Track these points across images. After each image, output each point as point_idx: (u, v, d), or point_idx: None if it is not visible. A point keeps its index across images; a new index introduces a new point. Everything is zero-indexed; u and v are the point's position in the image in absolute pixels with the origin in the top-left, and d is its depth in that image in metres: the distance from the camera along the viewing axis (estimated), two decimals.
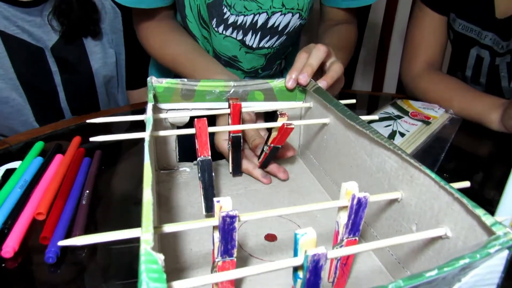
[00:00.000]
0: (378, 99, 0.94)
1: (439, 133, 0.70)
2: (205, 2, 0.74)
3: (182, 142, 0.56)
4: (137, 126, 0.38)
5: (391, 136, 0.66)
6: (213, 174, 0.43)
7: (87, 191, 0.50)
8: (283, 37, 0.79)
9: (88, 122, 0.43)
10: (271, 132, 0.51)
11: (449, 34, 0.90)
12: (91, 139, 0.40)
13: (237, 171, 0.55)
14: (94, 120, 0.43)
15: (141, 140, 0.35)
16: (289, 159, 0.61)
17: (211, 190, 0.43)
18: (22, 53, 0.81)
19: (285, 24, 0.77)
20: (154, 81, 0.51)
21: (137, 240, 0.24)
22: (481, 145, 0.73)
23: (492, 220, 0.26)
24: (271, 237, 0.44)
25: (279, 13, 0.75)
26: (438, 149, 0.65)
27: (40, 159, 0.57)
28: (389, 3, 1.22)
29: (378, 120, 0.71)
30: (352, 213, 0.32)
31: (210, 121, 0.45)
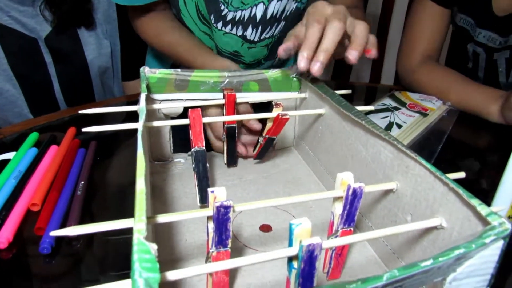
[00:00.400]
0: (375, 91, 0.94)
1: (437, 125, 0.70)
2: None
3: (177, 133, 0.56)
4: (133, 117, 0.38)
5: (388, 127, 0.66)
6: (208, 164, 0.43)
7: (82, 182, 0.50)
8: (282, 23, 0.79)
9: (80, 113, 0.43)
10: (265, 124, 0.51)
11: (453, 26, 0.89)
12: (83, 130, 0.40)
13: (232, 162, 0.55)
14: (86, 111, 0.43)
15: (137, 131, 0.35)
16: (284, 150, 0.60)
17: (205, 180, 0.43)
18: (15, 44, 0.80)
19: (282, 10, 0.76)
20: (147, 71, 0.51)
21: (131, 230, 0.24)
22: (478, 137, 0.73)
23: (487, 210, 0.26)
24: (266, 228, 0.44)
25: (275, 0, 0.74)
26: (435, 141, 0.65)
27: (34, 150, 0.57)
28: None
29: (375, 111, 0.71)
30: (347, 204, 0.32)
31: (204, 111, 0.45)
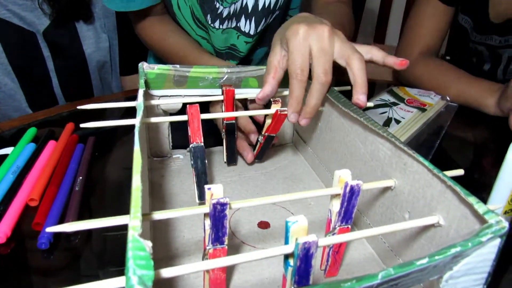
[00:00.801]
0: (374, 86, 0.93)
1: (435, 120, 0.70)
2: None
3: (176, 129, 0.56)
4: (132, 113, 0.38)
5: (387, 123, 0.66)
6: (206, 161, 0.43)
7: (81, 178, 0.50)
8: (276, 13, 0.79)
9: (78, 108, 0.43)
10: (264, 122, 0.51)
11: (456, 23, 0.89)
12: (81, 125, 0.40)
13: (232, 161, 0.55)
14: (85, 106, 0.43)
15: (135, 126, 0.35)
16: (283, 147, 0.60)
17: (204, 177, 0.43)
18: (13, 38, 0.80)
19: (276, 0, 0.76)
20: (145, 67, 0.51)
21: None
22: (476, 132, 0.73)
23: (484, 208, 0.26)
24: (264, 225, 0.44)
25: None
26: (433, 136, 0.65)
27: (32, 145, 0.56)
28: None
29: (373, 107, 0.71)
30: (344, 201, 0.32)
31: (203, 107, 0.45)
